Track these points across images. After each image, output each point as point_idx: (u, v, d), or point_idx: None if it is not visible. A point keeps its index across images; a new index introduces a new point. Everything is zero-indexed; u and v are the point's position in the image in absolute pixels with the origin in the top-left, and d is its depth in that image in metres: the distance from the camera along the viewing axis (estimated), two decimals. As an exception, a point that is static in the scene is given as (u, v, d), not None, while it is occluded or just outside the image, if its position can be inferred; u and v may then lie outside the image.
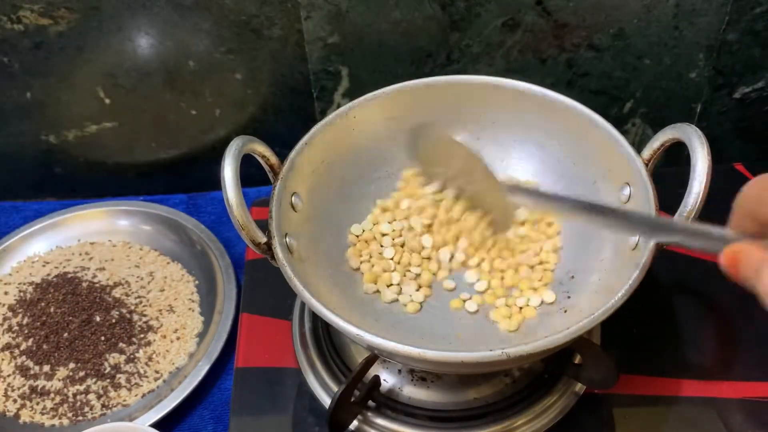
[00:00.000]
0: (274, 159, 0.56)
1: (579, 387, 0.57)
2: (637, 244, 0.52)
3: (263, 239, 0.53)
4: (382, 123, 0.61)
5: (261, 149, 0.55)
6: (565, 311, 0.55)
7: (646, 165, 0.53)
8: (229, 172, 0.51)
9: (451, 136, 0.54)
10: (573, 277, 0.57)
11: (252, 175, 0.56)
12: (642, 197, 0.52)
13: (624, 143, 0.55)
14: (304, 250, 0.56)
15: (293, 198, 0.57)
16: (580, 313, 0.52)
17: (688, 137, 0.50)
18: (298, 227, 0.56)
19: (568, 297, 0.56)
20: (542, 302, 0.56)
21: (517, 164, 0.62)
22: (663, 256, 0.66)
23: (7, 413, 0.62)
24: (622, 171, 0.55)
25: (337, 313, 0.48)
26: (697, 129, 0.50)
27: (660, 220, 0.43)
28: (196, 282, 0.71)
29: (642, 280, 0.65)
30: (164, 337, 0.66)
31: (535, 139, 0.61)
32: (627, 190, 0.55)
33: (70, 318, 0.67)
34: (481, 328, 0.56)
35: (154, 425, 0.59)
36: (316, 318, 0.61)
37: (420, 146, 0.55)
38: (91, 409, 0.62)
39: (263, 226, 0.54)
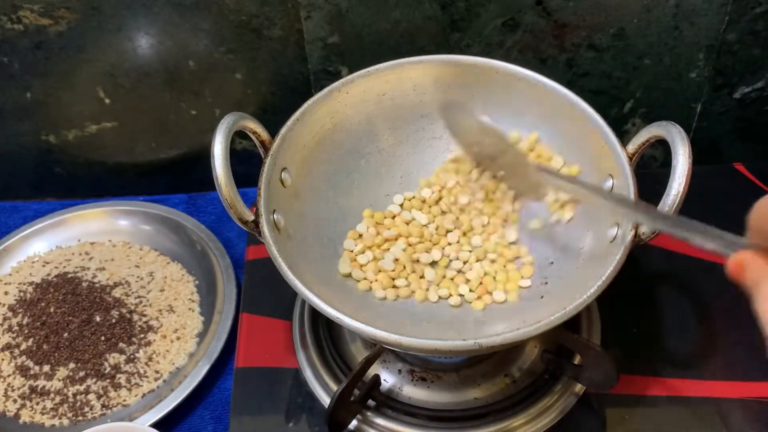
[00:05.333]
0: (265, 135, 0.56)
1: (579, 387, 0.57)
2: (615, 238, 0.52)
3: (251, 217, 0.53)
4: (375, 100, 0.62)
5: (252, 125, 0.55)
6: (542, 297, 0.55)
7: (630, 159, 0.53)
8: (219, 148, 0.51)
9: (480, 119, 0.57)
10: (552, 263, 0.57)
11: (253, 175, 0.56)
12: (623, 190, 0.52)
13: (611, 135, 0.54)
14: (292, 226, 0.56)
15: (283, 173, 0.57)
16: (556, 300, 0.53)
17: (672, 137, 0.50)
18: (286, 203, 0.56)
19: (546, 283, 0.56)
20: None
21: None
22: (663, 256, 0.66)
23: (7, 413, 0.62)
24: (606, 162, 0.55)
25: (316, 293, 0.49)
26: (682, 130, 0.50)
27: (677, 218, 0.42)
28: (196, 282, 0.71)
29: (641, 280, 0.66)
30: (164, 337, 0.66)
31: (525, 122, 0.61)
32: (609, 182, 0.55)
33: (70, 318, 0.67)
34: (463, 316, 0.56)
35: (154, 425, 0.59)
36: (316, 317, 0.62)
37: (454, 122, 0.58)
38: (91, 409, 0.62)
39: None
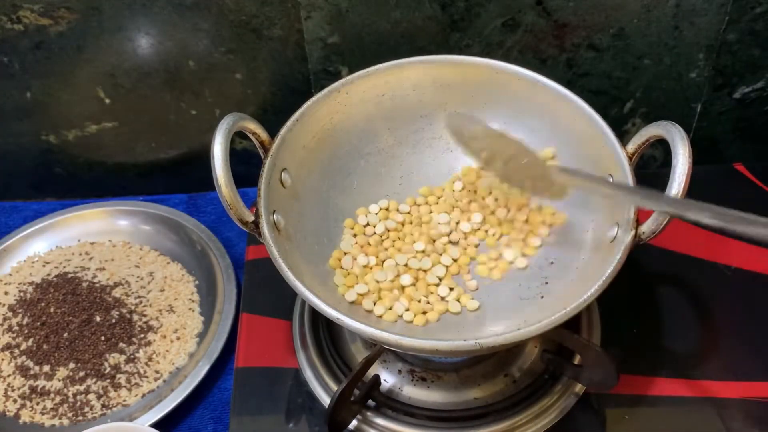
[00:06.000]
0: (264, 135, 0.56)
1: (579, 387, 0.57)
2: (615, 237, 0.52)
3: (251, 218, 0.53)
4: (374, 100, 0.62)
5: (252, 126, 0.55)
6: (542, 297, 0.55)
7: (630, 159, 0.53)
8: (218, 149, 0.51)
9: (488, 125, 0.57)
10: (552, 263, 0.57)
11: (253, 175, 0.56)
12: None
13: (610, 135, 0.54)
14: (292, 227, 0.56)
15: (283, 174, 0.57)
16: (556, 300, 0.53)
17: (672, 136, 0.50)
18: (286, 203, 0.56)
19: (546, 283, 0.56)
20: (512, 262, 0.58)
21: None
22: (662, 255, 0.66)
23: (7, 413, 0.62)
24: (606, 162, 0.55)
25: (317, 293, 0.49)
26: (681, 129, 0.50)
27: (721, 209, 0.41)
28: (196, 282, 0.71)
29: (641, 280, 0.66)
30: (164, 337, 0.66)
31: (525, 123, 0.61)
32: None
33: (70, 318, 0.67)
34: (463, 318, 0.56)
35: (154, 425, 0.59)
36: (316, 317, 0.62)
37: (460, 131, 0.58)
38: (91, 409, 0.62)
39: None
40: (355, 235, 0.60)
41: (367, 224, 0.61)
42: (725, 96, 0.74)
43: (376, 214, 0.62)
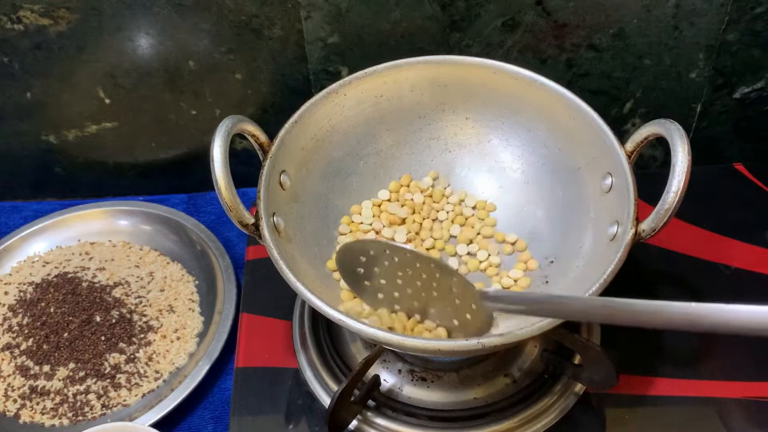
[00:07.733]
0: (263, 138, 0.56)
1: (579, 387, 0.57)
2: (615, 236, 0.52)
3: (251, 220, 0.53)
4: (372, 101, 0.62)
5: (251, 128, 0.55)
6: None
7: (629, 157, 0.53)
8: (218, 152, 0.51)
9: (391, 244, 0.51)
10: (552, 262, 0.57)
11: (253, 175, 0.56)
12: (622, 188, 0.52)
13: (609, 133, 0.55)
14: (292, 228, 0.56)
15: (282, 176, 0.57)
16: None
17: (670, 134, 0.50)
18: (286, 205, 0.57)
19: (546, 282, 0.57)
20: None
21: (505, 146, 0.63)
22: (662, 255, 0.66)
23: (7, 413, 0.62)
24: (605, 161, 0.55)
25: (318, 294, 0.49)
26: (680, 127, 0.50)
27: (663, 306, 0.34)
28: (196, 282, 0.71)
29: (641, 280, 0.65)
30: (164, 337, 0.66)
31: (523, 123, 0.61)
32: (609, 180, 0.55)
33: (70, 318, 0.67)
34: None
35: (154, 425, 0.59)
36: (316, 318, 0.62)
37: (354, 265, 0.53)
38: (91, 409, 0.62)
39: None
40: (350, 231, 0.60)
41: (362, 223, 0.61)
42: (725, 96, 0.74)
43: (371, 208, 0.62)
